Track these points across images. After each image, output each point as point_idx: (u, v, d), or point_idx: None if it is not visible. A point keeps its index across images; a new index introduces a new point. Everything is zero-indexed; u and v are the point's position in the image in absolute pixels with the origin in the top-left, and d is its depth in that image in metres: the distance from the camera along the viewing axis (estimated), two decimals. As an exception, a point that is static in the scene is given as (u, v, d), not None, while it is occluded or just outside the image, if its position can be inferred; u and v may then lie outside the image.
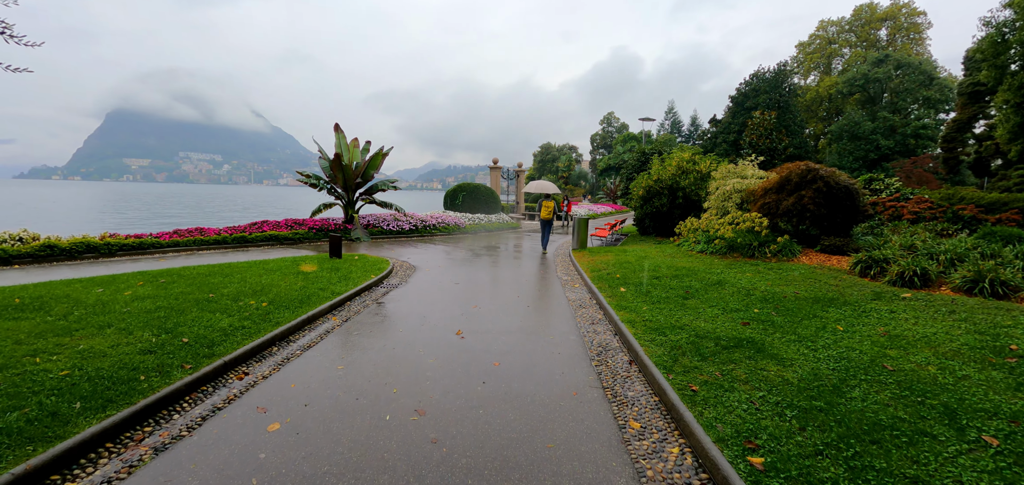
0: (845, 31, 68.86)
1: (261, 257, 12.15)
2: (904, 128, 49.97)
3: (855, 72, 55.87)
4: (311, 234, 16.61)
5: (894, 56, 53.58)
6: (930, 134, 49.70)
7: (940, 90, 50.94)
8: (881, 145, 49.03)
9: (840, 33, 69.09)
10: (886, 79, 53.02)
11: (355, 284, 8.62)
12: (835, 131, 52.98)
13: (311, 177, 18.16)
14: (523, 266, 11.87)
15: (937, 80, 51.29)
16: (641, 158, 16.92)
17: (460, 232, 20.69)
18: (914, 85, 52.21)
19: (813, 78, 70.25)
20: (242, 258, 12.01)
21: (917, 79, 51.75)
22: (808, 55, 70.93)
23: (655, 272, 9.38)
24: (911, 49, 61.60)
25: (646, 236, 17.77)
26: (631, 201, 16.04)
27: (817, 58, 70.65)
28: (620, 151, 70.48)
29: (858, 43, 68.76)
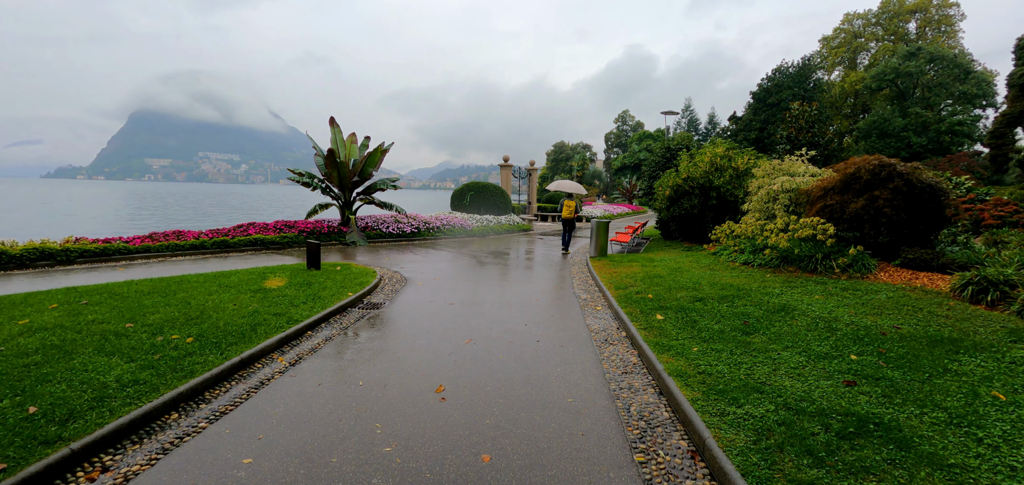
0: (871, 24, 65.75)
1: (230, 266, 10.52)
2: (938, 125, 47.12)
3: (884, 66, 53.02)
4: (301, 238, 15.01)
5: (927, 49, 50.66)
6: (966, 130, 46.78)
7: (977, 84, 47.92)
8: (913, 143, 46.24)
9: (866, 27, 66.02)
10: (918, 73, 50.11)
11: (324, 306, 6.90)
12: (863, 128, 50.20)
13: (304, 176, 16.56)
14: (534, 280, 10.07)
15: (973, 74, 48.29)
16: (666, 154, 15.16)
17: (466, 235, 18.96)
18: (948, 79, 49.25)
19: (837, 74, 67.30)
20: (210, 267, 10.40)
21: (952, 73, 48.78)
22: (832, 50, 67.98)
23: (696, 291, 7.53)
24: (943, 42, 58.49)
25: (671, 241, 15.85)
26: (654, 201, 14.13)
27: (842, 53, 67.67)
28: (635, 149, 68.20)
29: (885, 37, 65.67)
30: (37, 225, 30.09)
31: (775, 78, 56.67)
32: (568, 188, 14.96)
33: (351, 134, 17.89)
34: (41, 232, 24.58)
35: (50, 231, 25.22)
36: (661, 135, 69.77)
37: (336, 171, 16.30)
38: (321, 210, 17.73)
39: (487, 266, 11.48)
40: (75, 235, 12.29)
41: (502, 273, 10.61)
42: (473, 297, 8.13)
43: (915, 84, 51.74)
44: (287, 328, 5.85)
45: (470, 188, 22.76)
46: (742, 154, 13.30)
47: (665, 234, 16.83)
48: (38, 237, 12.56)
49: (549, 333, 6.17)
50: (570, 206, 14.15)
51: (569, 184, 15.10)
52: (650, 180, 16.39)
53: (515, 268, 11.39)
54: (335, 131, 17.11)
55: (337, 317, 6.85)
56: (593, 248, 12.26)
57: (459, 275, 10.24)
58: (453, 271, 10.72)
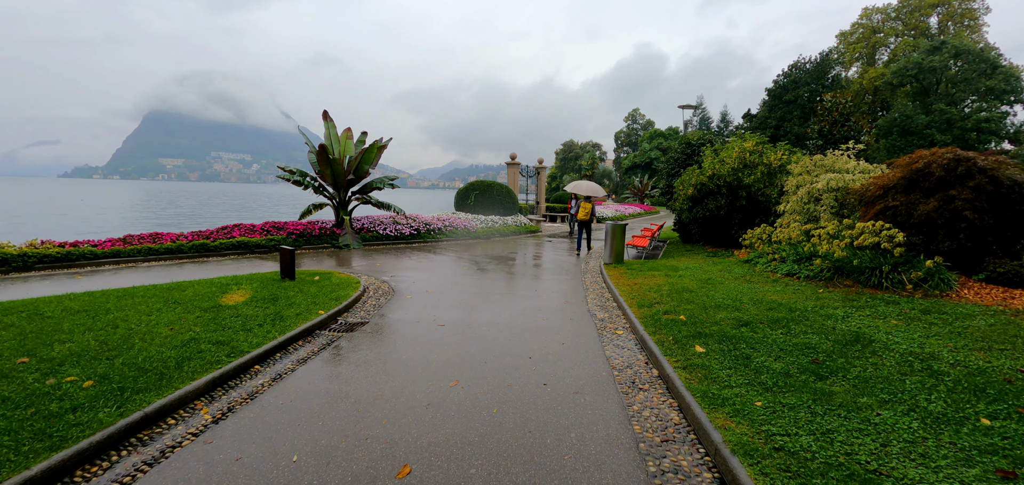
0: (891, 19, 63.55)
1: (202, 274, 9.29)
2: (963, 122, 45.12)
3: (906, 61, 50.99)
4: (289, 241, 13.80)
5: (951, 43, 48.56)
6: (993, 127, 44.72)
7: (1004, 79, 45.76)
8: (936, 140, 44.23)
9: (885, 21, 63.82)
10: (942, 68, 48.04)
11: (284, 330, 5.62)
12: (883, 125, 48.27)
13: (295, 173, 15.36)
14: (541, 292, 8.73)
15: (1001, 69, 46.15)
16: (686, 150, 13.87)
17: (470, 237, 17.66)
18: (974, 75, 47.16)
19: (855, 70, 65.21)
20: (178, 275, 9.19)
21: (978, 68, 46.67)
22: (850, 45, 65.87)
23: (738, 310, 6.15)
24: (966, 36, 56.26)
25: (692, 245, 14.44)
26: (674, 202, 12.72)
27: (859, 48, 65.57)
28: (646, 148, 66.55)
29: (905, 32, 63.52)
30: (29, 226, 29.29)
31: (792, 74, 54.76)
32: (585, 190, 14.10)
33: (346, 129, 16.67)
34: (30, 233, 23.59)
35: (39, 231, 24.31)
36: (673, 133, 68.02)
37: (329, 168, 15.08)
38: (315, 210, 16.55)
39: (489, 274, 10.16)
40: (41, 238, 11.16)
41: (505, 283, 9.28)
42: (469, 316, 6.81)
43: (939, 79, 49.69)
44: (225, 363, 4.57)
45: (474, 187, 21.46)
46: (775, 149, 11.85)
47: (685, 237, 15.41)
48: (24, 238, 11.52)
49: (559, 371, 4.83)
50: (586, 208, 13.66)
51: (587, 185, 14.26)
52: (668, 178, 14.97)
53: (520, 277, 10.05)
54: (329, 125, 15.90)
55: (299, 344, 5.56)
56: (608, 253, 10.90)
57: (456, 286, 8.93)
58: (450, 280, 9.41)
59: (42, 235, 13.80)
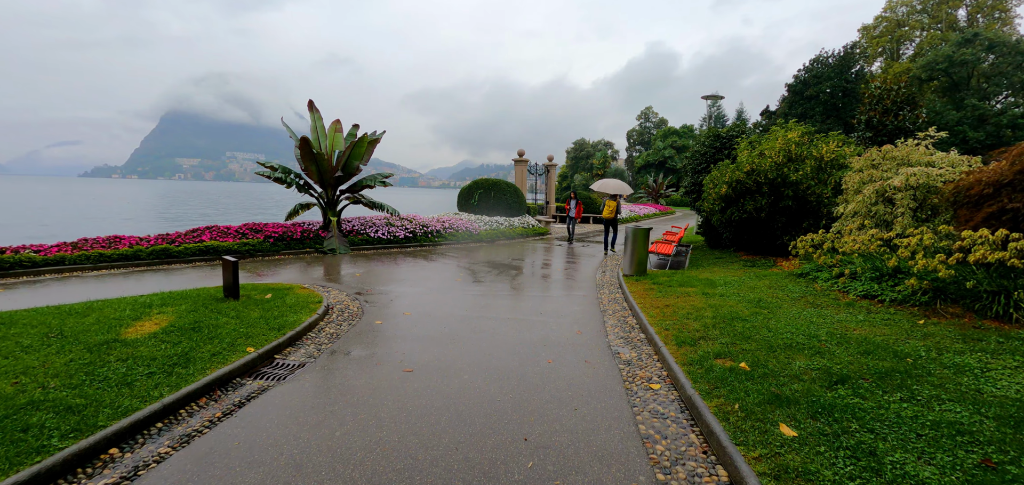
0: (916, 12, 60.69)
1: (133, 290, 7.67)
2: (998, 117, 42.49)
3: (935, 55, 48.34)
4: (267, 245, 12.20)
5: (984, 35, 45.87)
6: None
7: (1043, 73, 43.12)
8: (969, 137, 41.66)
9: (910, 14, 60.99)
10: (974, 62, 45.38)
11: (183, 383, 3.93)
12: (911, 122, 45.59)
13: (277, 170, 13.79)
14: (548, 315, 6.98)
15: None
16: (713, 143, 12.10)
17: (472, 240, 15.97)
18: (1009, 68, 44.46)
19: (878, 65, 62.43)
20: (108, 290, 7.60)
21: (1014, 60, 43.96)
22: (873, 39, 63.10)
23: (819, 354, 4.31)
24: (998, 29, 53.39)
25: (722, 251, 12.59)
26: (703, 202, 10.90)
27: (883, 42, 62.79)
28: (660, 147, 64.40)
29: (932, 25, 60.69)
30: (32, 226, 28.30)
31: (813, 69, 52.26)
32: (613, 188, 13.58)
33: (335, 121, 15.05)
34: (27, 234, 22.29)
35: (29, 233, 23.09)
36: (688, 131, 65.80)
37: (314, 164, 13.47)
38: (303, 211, 14.98)
39: (486, 287, 8.45)
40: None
41: (504, 302, 7.54)
42: (450, 355, 5.08)
43: (970, 74, 47.02)
44: (52, 453, 2.92)
45: (479, 186, 19.76)
46: (827, 140, 9.97)
47: (712, 242, 13.55)
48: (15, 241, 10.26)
49: (570, 464, 3.09)
50: (611, 206, 13.80)
51: (614, 183, 13.75)
52: (693, 176, 13.12)
53: (524, 292, 8.32)
54: (314, 117, 14.30)
55: (197, 404, 3.88)
56: (628, 263, 9.12)
57: (443, 305, 7.22)
58: (438, 297, 7.71)
59: (30, 238, 12.41)
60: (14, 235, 20.81)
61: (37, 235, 16.90)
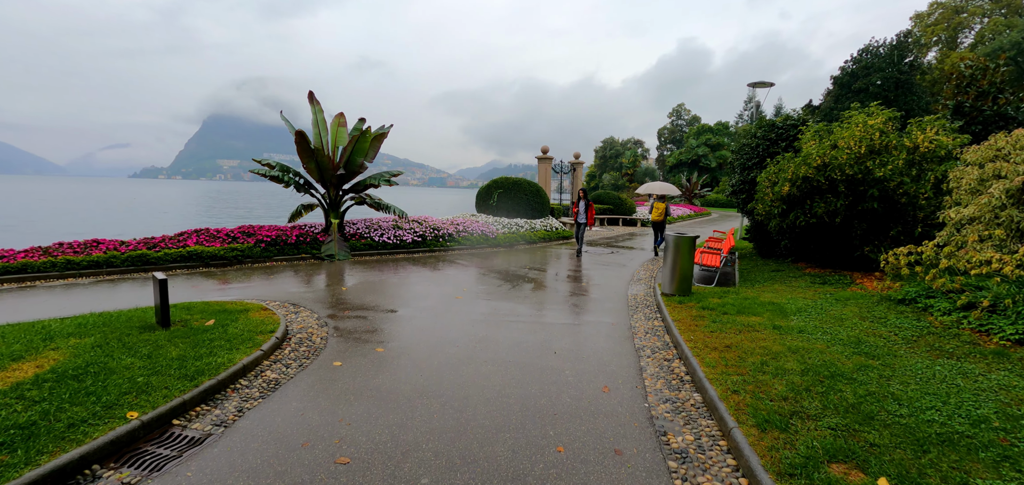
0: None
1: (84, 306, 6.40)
2: (1079, 108, 38.28)
3: (1001, 42, 44.22)
4: (257, 251, 10.92)
5: (1060, 18, 41.64)
6: (1116, 116, 37.72)
7: None
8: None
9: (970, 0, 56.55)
10: (1049, 48, 41.25)
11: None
12: (972, 115, 41.74)
13: (275, 168, 12.53)
14: (564, 358, 5.28)
15: None
16: (767, 135, 10.19)
17: (488, 245, 14.39)
18: (1089, 54, 40.21)
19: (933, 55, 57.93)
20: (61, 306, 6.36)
21: (1094, 46, 39.73)
22: (926, 28, 58.61)
23: (1010, 464, 2.63)
24: (1072, 13, 48.62)
25: (777, 261, 10.61)
26: (757, 204, 8.94)
27: (939, 30, 58.25)
28: (693, 144, 61.44)
29: (994, 10, 55.94)
30: (66, 225, 28.41)
31: (862, 59, 48.54)
32: (660, 189, 12.35)
33: (339, 115, 13.70)
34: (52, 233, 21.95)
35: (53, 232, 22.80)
36: (723, 128, 62.64)
37: (313, 162, 12.15)
38: (306, 212, 13.73)
39: (491, 307, 6.82)
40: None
41: (509, 333, 5.89)
42: (407, 438, 3.44)
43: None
44: None
45: (498, 185, 18.16)
46: (922, 125, 7.89)
47: (763, 249, 11.55)
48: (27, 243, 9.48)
49: None
50: (660, 209, 13.65)
51: (661, 185, 12.61)
52: (742, 172, 11.15)
53: (536, 317, 6.65)
54: (315, 110, 12.97)
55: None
56: (669, 278, 7.33)
57: (430, 337, 5.63)
58: (427, 323, 6.14)
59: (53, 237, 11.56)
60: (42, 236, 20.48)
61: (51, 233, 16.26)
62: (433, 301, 7.32)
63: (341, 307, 6.85)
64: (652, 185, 15.47)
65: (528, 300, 7.53)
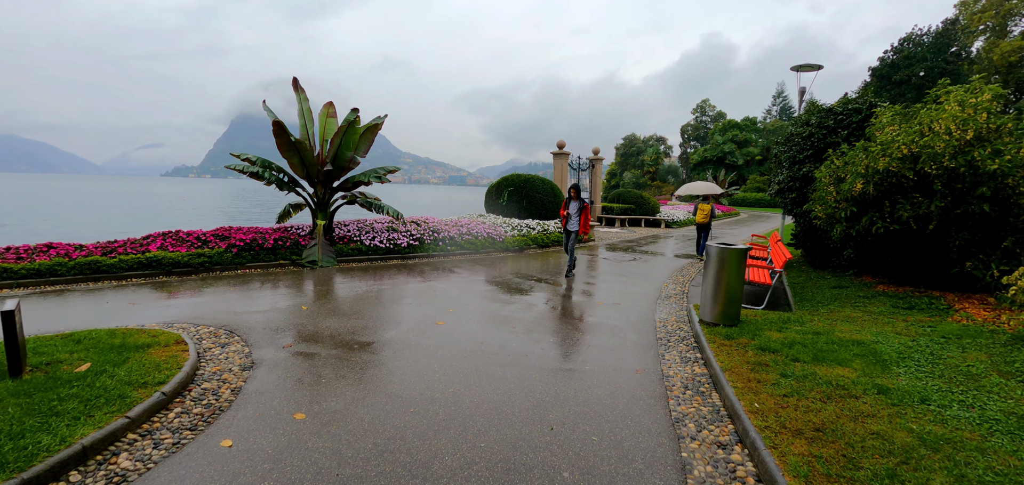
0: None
1: None
2: None
3: (1061, 28, 40.75)
4: (228, 256, 9.57)
5: None
6: None
7: None
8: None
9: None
10: (1115, 34, 37.71)
11: None
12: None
13: (255, 163, 11.16)
14: (566, 434, 3.65)
15: None
16: (825, 121, 8.38)
17: (494, 249, 12.81)
18: None
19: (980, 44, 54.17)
20: None
21: None
22: (973, 15, 54.62)
23: None
24: None
25: (835, 272, 8.77)
26: (814, 205, 7.13)
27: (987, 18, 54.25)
28: (719, 141, 58.76)
29: (1050, -5, 51.87)
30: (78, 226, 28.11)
31: (903, 49, 45.41)
32: (702, 189, 12.92)
33: (328, 104, 12.30)
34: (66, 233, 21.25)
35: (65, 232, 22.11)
36: (750, 124, 59.77)
37: (296, 156, 10.75)
38: (295, 212, 12.39)
39: (478, 338, 5.17)
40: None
41: (493, 390, 4.29)
42: None
43: (1108, 48, 39.22)
44: None
45: (509, 183, 16.56)
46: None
47: (815, 259, 9.66)
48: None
49: None
50: (705, 210, 12.62)
51: (702, 185, 11.36)
52: (791, 167, 9.28)
53: (534, 357, 5.02)
54: (300, 98, 11.58)
55: None
56: (710, 302, 5.59)
57: (384, 389, 4.08)
58: (390, 363, 4.56)
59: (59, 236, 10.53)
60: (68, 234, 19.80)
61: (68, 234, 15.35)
62: (407, 327, 5.75)
63: (286, 335, 5.35)
64: (694, 185, 14.01)
65: (528, 327, 5.90)
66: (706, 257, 5.70)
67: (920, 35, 44.49)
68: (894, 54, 45.13)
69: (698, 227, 12.91)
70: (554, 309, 6.85)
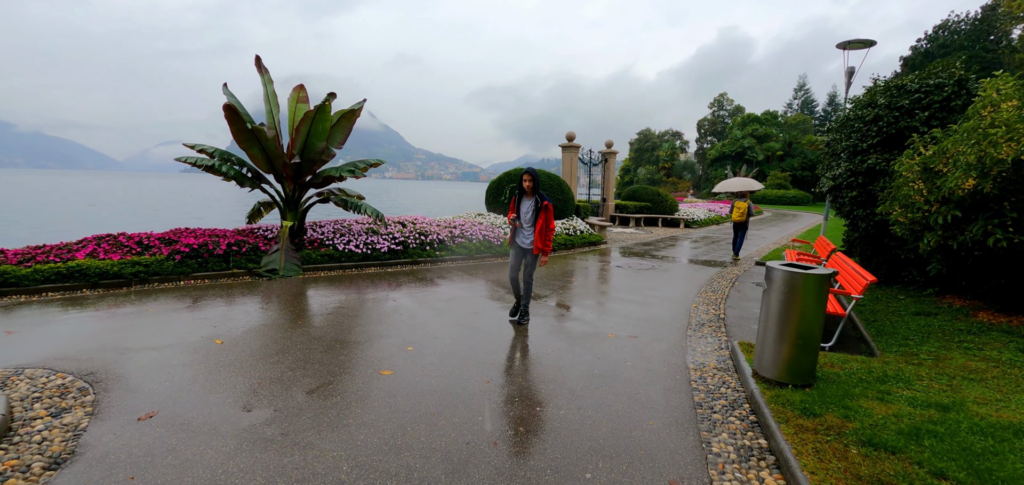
0: (1078, -37, 48.67)
1: None
2: None
3: (1114, 12, 37.73)
4: (169, 265, 8.03)
5: None
6: None
7: None
8: None
9: (1068, -34, 49.06)
10: None
11: None
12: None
13: (214, 155, 9.61)
14: None
15: None
16: (898, 101, 6.73)
17: (490, 254, 11.14)
18: None
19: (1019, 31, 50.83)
20: None
21: None
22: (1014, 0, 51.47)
23: None
24: None
25: (908, 291, 6.94)
26: (892, 208, 5.32)
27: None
28: (738, 135, 56.27)
29: (1099, -21, 48.45)
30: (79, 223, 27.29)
31: (938, 37, 42.52)
32: (737, 186, 11.98)
33: (298, 87, 10.71)
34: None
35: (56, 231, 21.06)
36: (771, 118, 57.18)
37: (256, 146, 9.18)
38: (267, 211, 10.96)
39: (425, 409, 3.52)
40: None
41: None
42: None
43: None
44: None
45: (510, 180, 14.86)
46: None
47: (878, 272, 7.78)
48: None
49: None
50: (742, 208, 11.96)
51: (739, 181, 12.07)
52: (850, 158, 7.41)
53: (499, 463, 3.37)
54: (264, 79, 10.00)
55: None
56: (775, 349, 3.82)
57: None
58: (284, 456, 2.96)
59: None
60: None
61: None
62: (343, 381, 4.10)
63: (157, 395, 3.74)
64: (733, 181, 13.29)
65: (510, 378, 4.22)
66: (768, 283, 3.93)
67: (957, 22, 41.61)
68: (928, 42, 42.30)
69: (735, 226, 12.22)
70: (549, 349, 5.13)
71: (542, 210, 5.59)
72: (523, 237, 5.87)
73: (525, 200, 5.87)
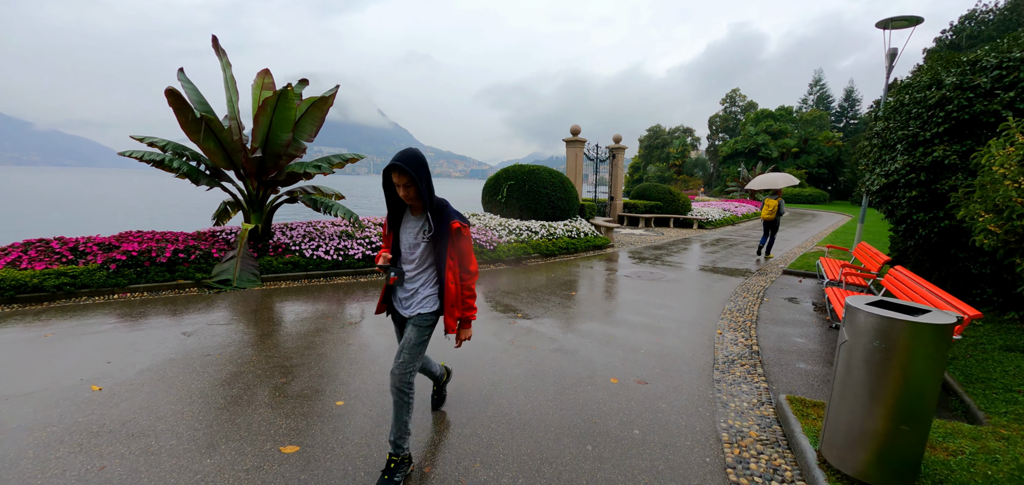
0: (1114, -50, 46.27)
1: None
2: None
3: None
4: (101, 276, 6.87)
5: None
6: None
7: None
8: None
9: (1104, -48, 46.72)
10: None
11: None
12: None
13: (166, 150, 8.41)
14: None
15: None
16: (971, 81, 5.56)
17: (484, 260, 9.90)
18: None
19: (1051, 23, 48.36)
20: None
21: None
22: (1044, -9, 49.04)
23: None
24: None
25: (984, 310, 5.58)
26: (971, 212, 3.86)
27: (1061, -7, 48.66)
28: (751, 132, 54.43)
29: None
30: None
31: (965, 28, 40.45)
32: (766, 183, 11.29)
33: (264, 71, 9.53)
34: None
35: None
36: (786, 113, 55.28)
37: (212, 139, 7.99)
38: (234, 212, 9.83)
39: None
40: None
41: None
42: None
43: None
44: None
45: (509, 177, 13.58)
46: None
47: (945, 285, 6.46)
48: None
49: None
50: (771, 206, 11.50)
51: (770, 177, 11.52)
52: (909, 152, 6.05)
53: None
54: (223, 63, 8.81)
55: None
56: (860, 427, 2.59)
57: None
58: None
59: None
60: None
61: None
62: (244, 458, 2.88)
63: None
64: (767, 177, 12.41)
65: (471, 448, 2.97)
66: (850, 328, 2.64)
67: (985, 13, 39.51)
68: (953, 34, 40.26)
69: (765, 224, 11.84)
70: (525, 407, 3.87)
71: (452, 237, 2.68)
72: (405, 295, 2.82)
73: (408, 222, 2.78)
